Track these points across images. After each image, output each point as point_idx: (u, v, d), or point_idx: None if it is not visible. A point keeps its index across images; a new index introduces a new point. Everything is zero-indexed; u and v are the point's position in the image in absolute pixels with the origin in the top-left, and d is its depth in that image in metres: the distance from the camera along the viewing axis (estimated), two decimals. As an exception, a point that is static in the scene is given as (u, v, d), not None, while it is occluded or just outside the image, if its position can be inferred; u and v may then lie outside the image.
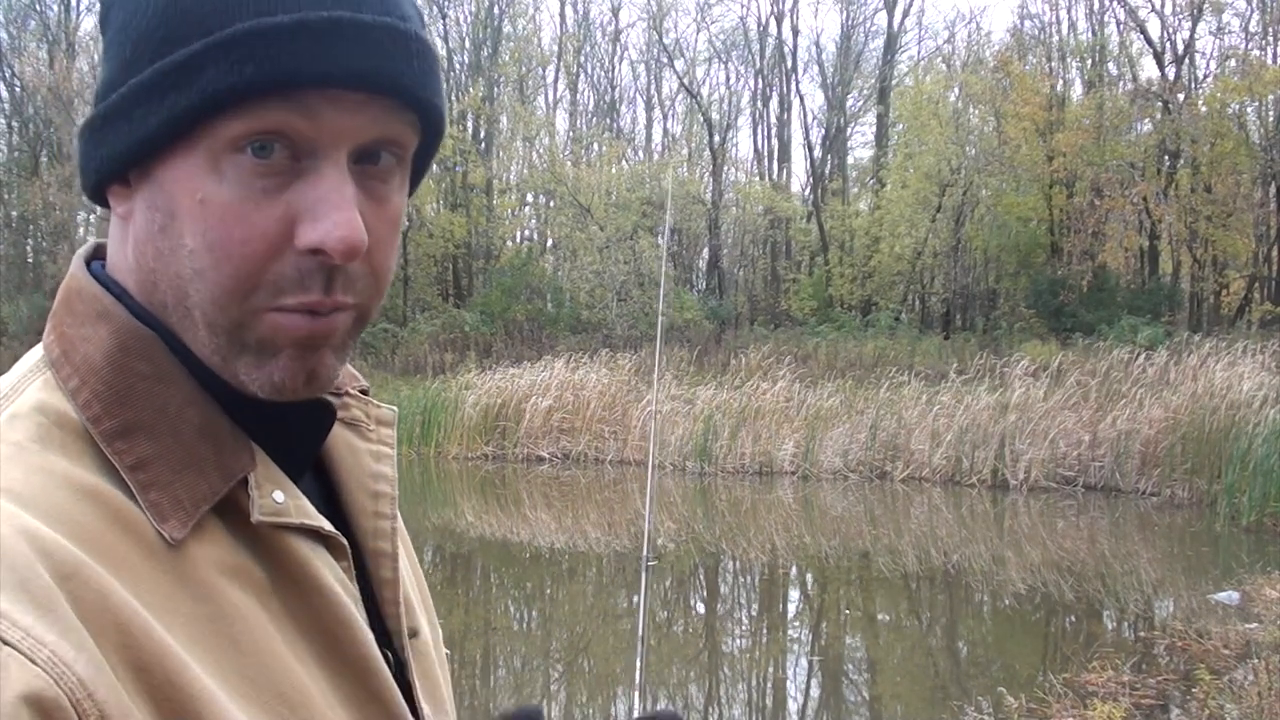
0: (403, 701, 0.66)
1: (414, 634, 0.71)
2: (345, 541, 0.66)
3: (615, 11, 39.41)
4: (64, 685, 0.48)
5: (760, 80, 32.31)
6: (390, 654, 0.68)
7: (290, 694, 0.58)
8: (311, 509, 0.64)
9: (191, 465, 0.60)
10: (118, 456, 0.58)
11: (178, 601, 0.56)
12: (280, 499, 0.62)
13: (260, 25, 0.56)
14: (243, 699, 0.56)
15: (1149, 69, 25.76)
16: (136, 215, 0.62)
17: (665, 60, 32.90)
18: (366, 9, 0.58)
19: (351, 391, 0.73)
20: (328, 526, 0.65)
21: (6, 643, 0.48)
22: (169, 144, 0.58)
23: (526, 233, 31.95)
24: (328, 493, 0.70)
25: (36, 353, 0.64)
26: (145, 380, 0.60)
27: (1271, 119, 23.64)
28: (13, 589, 0.50)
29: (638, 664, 2.75)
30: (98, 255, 0.67)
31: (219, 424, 0.62)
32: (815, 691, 6.35)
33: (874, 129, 31.65)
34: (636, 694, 2.73)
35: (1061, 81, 26.67)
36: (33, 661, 0.48)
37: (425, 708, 0.69)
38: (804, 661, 6.94)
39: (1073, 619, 7.54)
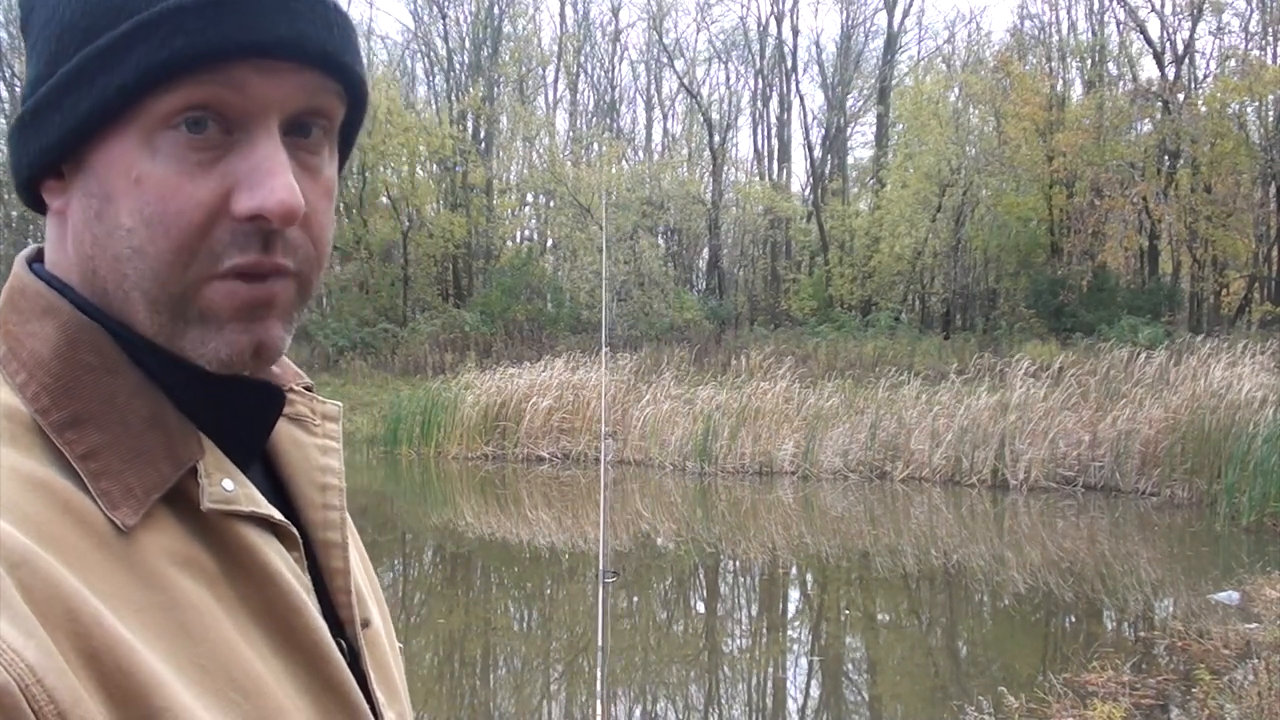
0: (358, 689, 0.66)
1: (366, 624, 0.72)
2: (296, 531, 0.66)
3: (615, 11, 39.54)
4: (13, 672, 0.48)
5: (760, 80, 32.34)
6: (344, 643, 0.68)
7: (243, 680, 0.59)
8: (261, 498, 0.65)
9: (142, 454, 0.60)
10: (68, 447, 0.58)
11: (129, 590, 0.56)
12: (230, 487, 0.62)
13: (185, 1, 0.58)
14: (196, 686, 0.56)
15: (1149, 69, 25.81)
16: (73, 206, 0.62)
17: (665, 60, 32.96)
18: None
19: (295, 388, 0.74)
20: (278, 515, 0.65)
21: None
22: (102, 127, 0.59)
23: (526, 233, 31.98)
24: (276, 487, 0.71)
25: None
26: (92, 372, 0.61)
27: (1271, 119, 23.63)
28: None
29: (599, 675, 2.75)
30: (40, 259, 0.68)
31: (167, 413, 0.62)
32: (815, 691, 6.34)
33: (874, 129, 31.67)
34: (599, 703, 2.73)
35: (1061, 81, 26.69)
36: None
37: (380, 696, 0.70)
38: (804, 661, 6.93)
39: (1073, 619, 7.54)
